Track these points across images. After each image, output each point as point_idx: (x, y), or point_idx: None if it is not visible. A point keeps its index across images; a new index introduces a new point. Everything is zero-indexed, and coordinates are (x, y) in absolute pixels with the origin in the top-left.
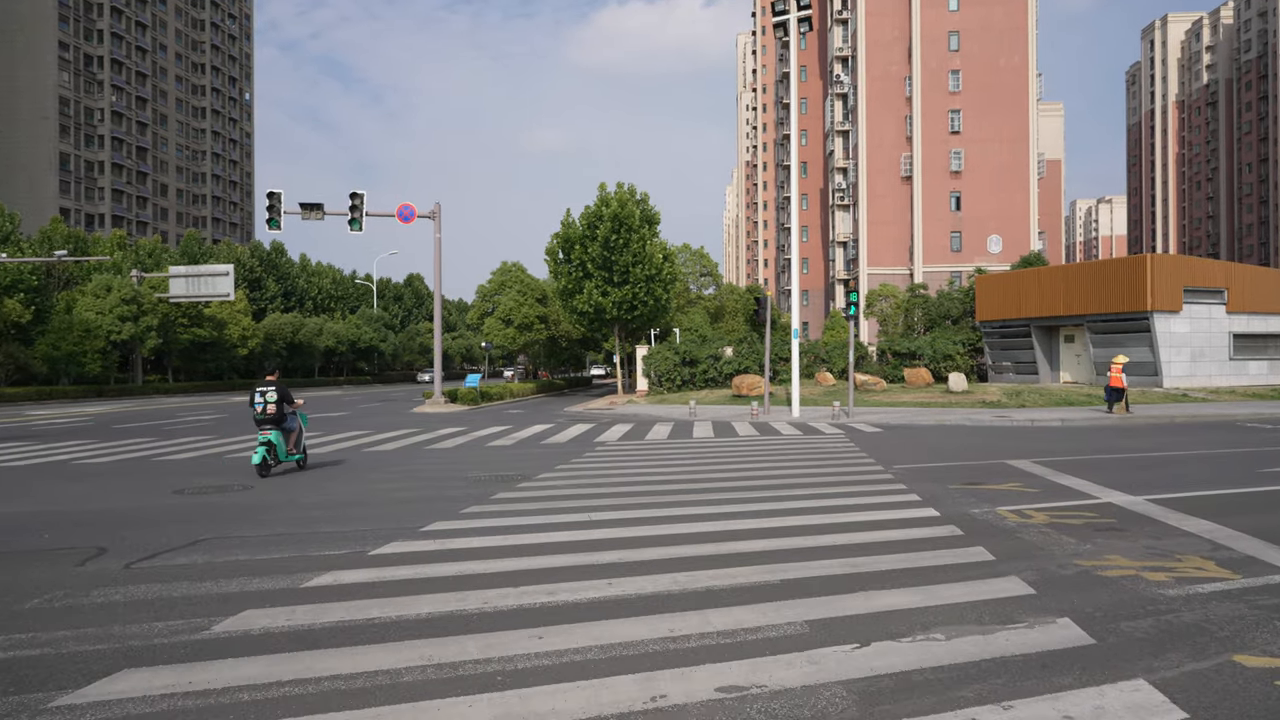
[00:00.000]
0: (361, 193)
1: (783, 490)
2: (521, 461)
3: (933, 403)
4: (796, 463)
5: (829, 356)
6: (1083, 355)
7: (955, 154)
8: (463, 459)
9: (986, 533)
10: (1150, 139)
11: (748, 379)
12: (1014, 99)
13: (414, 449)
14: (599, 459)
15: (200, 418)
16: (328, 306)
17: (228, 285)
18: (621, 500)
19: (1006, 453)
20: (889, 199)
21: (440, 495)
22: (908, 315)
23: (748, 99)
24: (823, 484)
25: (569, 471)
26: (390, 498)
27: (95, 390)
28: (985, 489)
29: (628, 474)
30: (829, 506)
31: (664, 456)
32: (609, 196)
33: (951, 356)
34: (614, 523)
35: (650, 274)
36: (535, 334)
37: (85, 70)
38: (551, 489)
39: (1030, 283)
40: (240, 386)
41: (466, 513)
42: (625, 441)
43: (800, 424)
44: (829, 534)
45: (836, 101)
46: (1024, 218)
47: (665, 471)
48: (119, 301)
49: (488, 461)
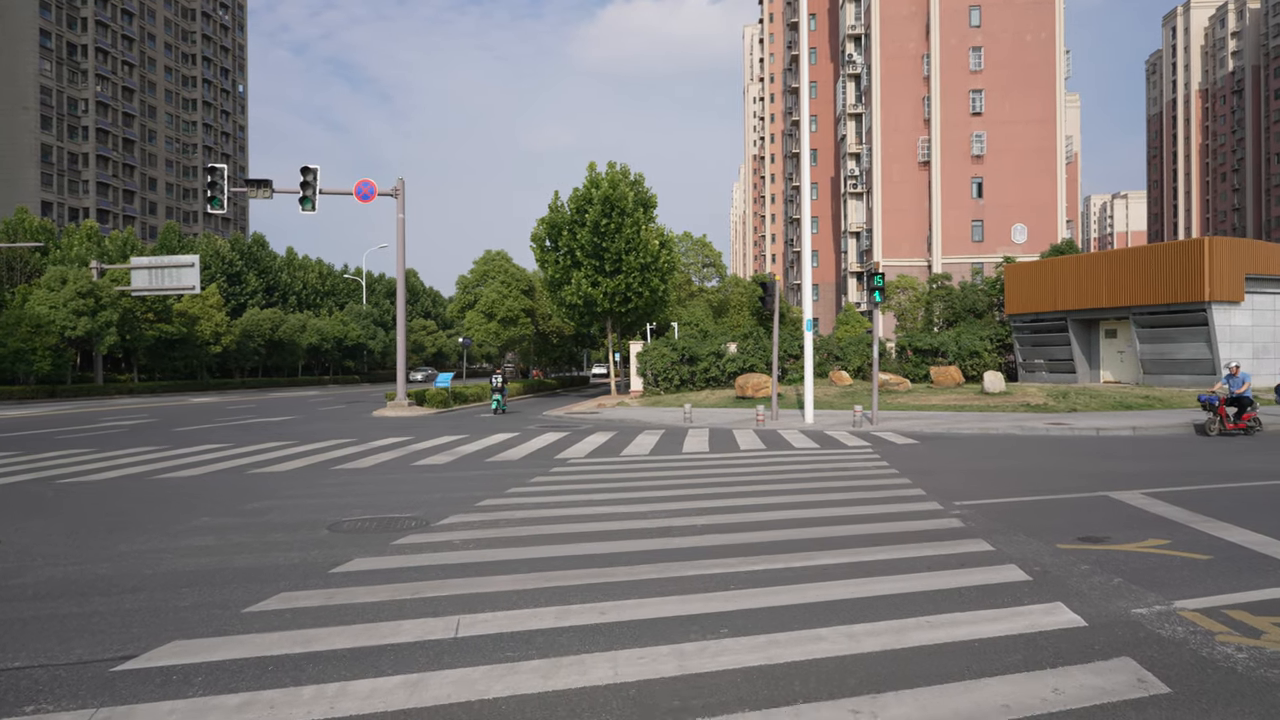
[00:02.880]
0: (314, 168)
1: (795, 554)
2: (439, 492)
3: (967, 406)
4: (813, 496)
5: (844, 353)
6: (1127, 352)
7: (976, 137)
8: (358, 489)
9: (1210, 687)
10: (1172, 129)
11: (753, 379)
12: (1040, 77)
13: (318, 470)
14: (545, 489)
15: (120, 423)
16: (314, 302)
17: (193, 277)
18: (535, 583)
19: (1097, 479)
20: (905, 186)
21: (252, 567)
22: (928, 309)
23: (754, 91)
24: (856, 540)
25: (490, 514)
26: (161, 570)
27: (48, 390)
28: (1118, 552)
29: (573, 518)
30: (875, 599)
31: (635, 484)
32: (599, 177)
33: (978, 353)
34: (493, 646)
35: (645, 262)
36: (521, 329)
37: (68, 59)
38: (435, 556)
39: (1067, 272)
40: (214, 386)
41: (251, 615)
42: (594, 459)
43: (815, 432)
44: (893, 688)
45: (849, 83)
46: (1051, 205)
47: (627, 512)
48: (74, 294)
49: (393, 493)
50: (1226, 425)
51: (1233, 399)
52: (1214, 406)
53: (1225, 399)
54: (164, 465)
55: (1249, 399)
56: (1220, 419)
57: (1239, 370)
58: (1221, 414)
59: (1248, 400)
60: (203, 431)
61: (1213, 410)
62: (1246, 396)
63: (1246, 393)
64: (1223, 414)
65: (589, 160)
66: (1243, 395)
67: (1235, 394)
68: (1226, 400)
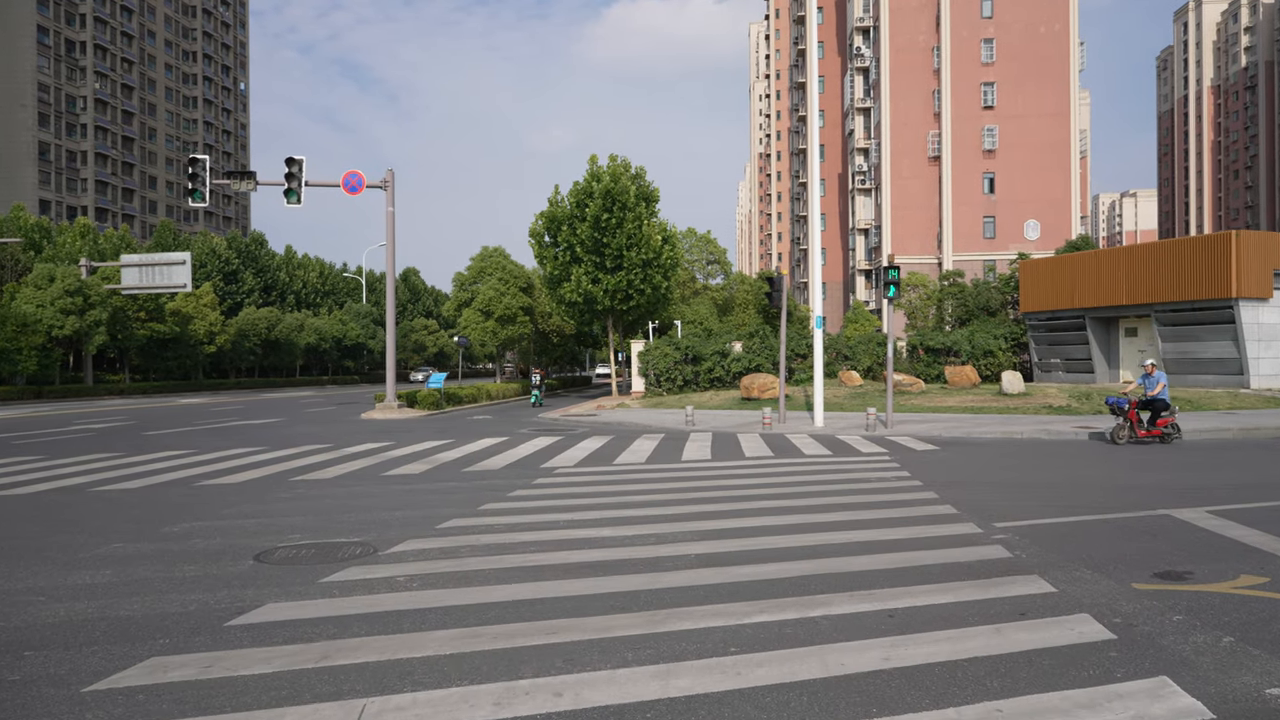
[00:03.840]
0: (300, 159)
1: (812, 598)
2: (402, 509)
3: (986, 408)
4: (828, 516)
5: (853, 353)
6: (1148, 351)
7: (988, 131)
8: (311, 506)
9: None
10: (1184, 126)
11: (759, 379)
12: (1054, 70)
13: (275, 481)
14: (522, 506)
15: (91, 426)
16: (313, 301)
17: (184, 275)
18: (481, 642)
19: (1148, 493)
20: (915, 181)
21: (135, 618)
22: (939, 307)
23: (760, 89)
24: (885, 577)
25: (450, 538)
26: (17, 622)
27: (35, 391)
28: (1211, 595)
29: (545, 545)
30: (920, 670)
31: (626, 499)
32: (600, 170)
33: (992, 352)
34: None
35: (647, 258)
36: (519, 327)
37: (67, 56)
38: (367, 600)
39: (1085, 267)
40: (208, 387)
41: (92, 697)
42: (583, 468)
43: (826, 437)
44: None
45: (857, 76)
46: (1064, 201)
47: (611, 537)
48: (62, 293)
49: (349, 511)
50: (1138, 432)
51: (1146, 402)
52: (1123, 410)
53: (1138, 402)
54: (108, 475)
55: (1165, 402)
56: (1130, 425)
57: (1155, 369)
58: (1132, 419)
59: (1164, 404)
60: (174, 436)
61: (1122, 414)
62: (1162, 399)
63: (1163, 394)
64: (1133, 419)
65: (593, 157)
66: (1158, 398)
67: (1149, 396)
68: (1139, 403)
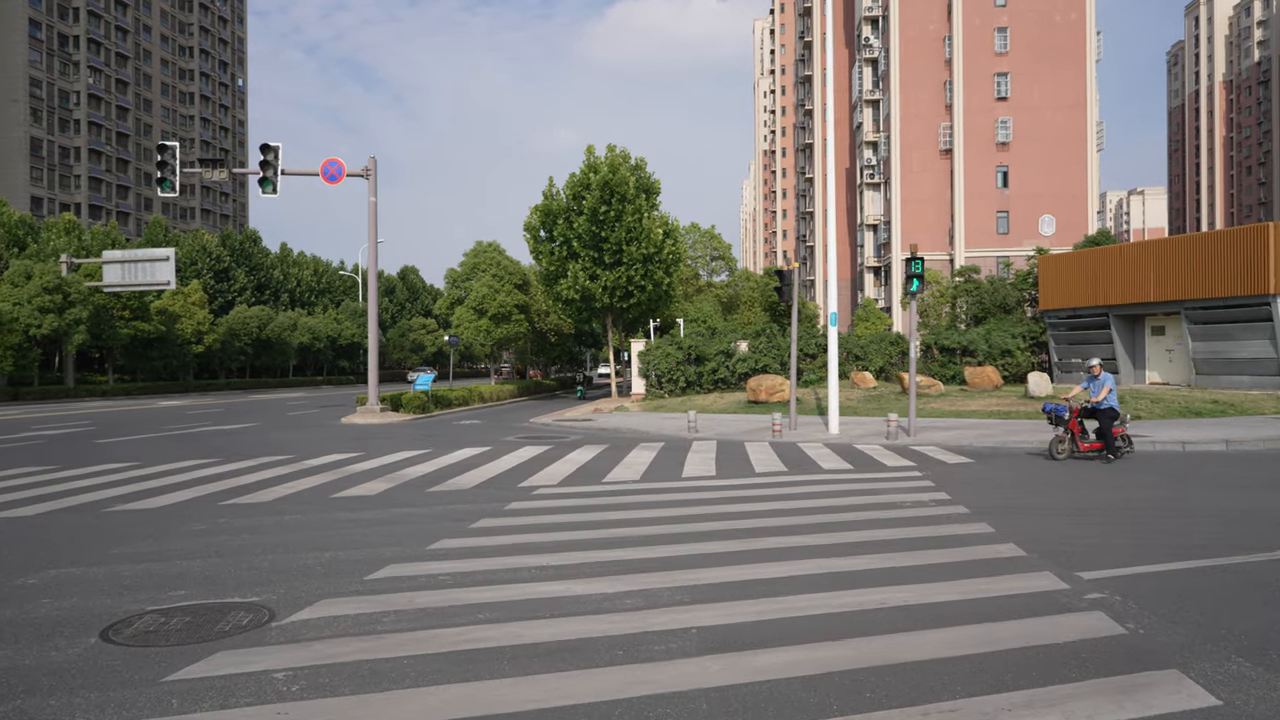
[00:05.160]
0: (276, 145)
1: (859, 717)
2: (333, 549)
3: (1013, 412)
4: (860, 561)
5: (864, 352)
6: (1176, 350)
7: (1002, 123)
8: (224, 542)
9: None
10: (1195, 122)
11: (766, 380)
12: (1070, 59)
13: (202, 505)
14: (483, 544)
15: (45, 432)
16: (308, 300)
17: (168, 272)
18: None
19: (1254, 523)
20: (926, 175)
21: None
22: (953, 305)
23: (765, 85)
24: (959, 678)
25: (378, 597)
26: None
27: (11, 393)
28: None
29: (499, 609)
30: None
31: (612, 533)
32: (598, 161)
33: (1010, 352)
34: None
35: (648, 253)
36: (515, 326)
37: (60, 50)
38: (218, 716)
39: (1109, 262)
40: (196, 388)
41: None
42: (568, 488)
43: (843, 446)
44: None
45: (865, 68)
46: (1081, 195)
47: (586, 594)
48: (40, 290)
49: (267, 551)
50: (1080, 445)
51: (1089, 410)
52: (1063, 420)
53: (1079, 409)
54: (10, 498)
55: (1114, 410)
56: (1072, 436)
57: (1100, 370)
58: (1074, 430)
59: (1112, 412)
60: (128, 444)
61: (1062, 424)
62: (1109, 407)
63: (1109, 400)
64: (1074, 430)
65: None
66: (1102, 404)
67: (1093, 403)
68: (1082, 411)
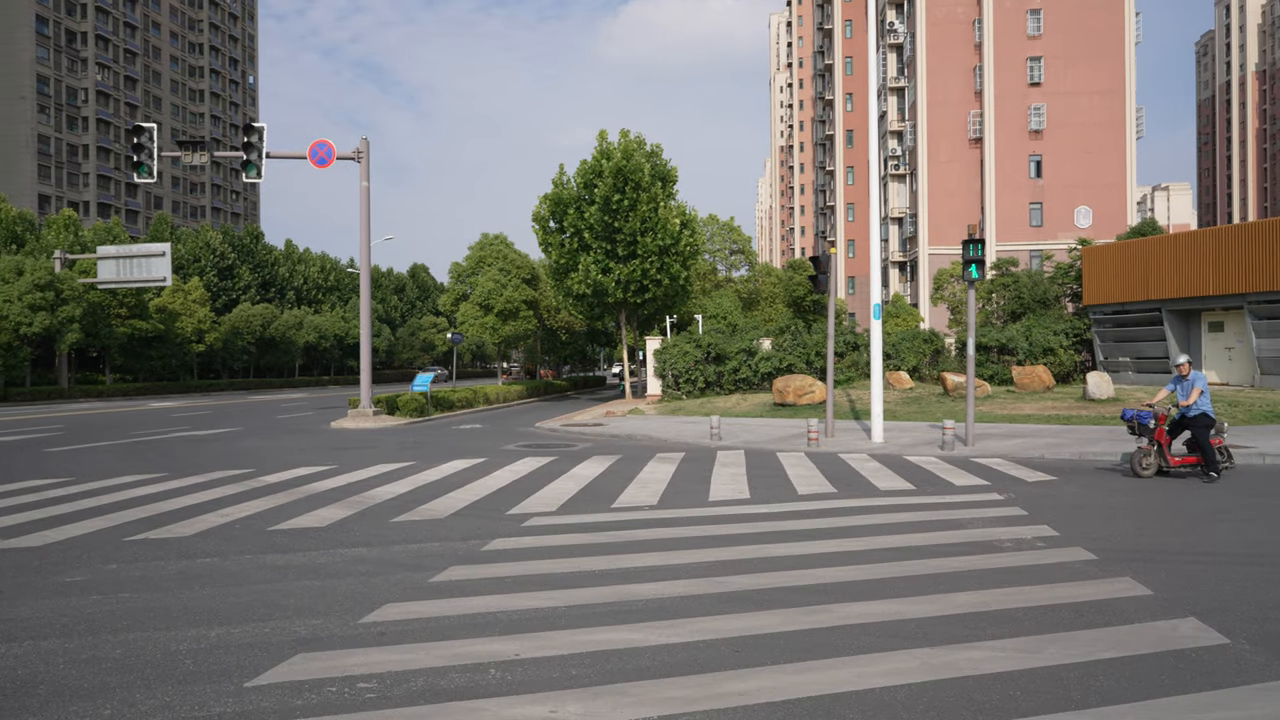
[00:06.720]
0: (260, 126)
1: None
2: (233, 622)
3: (1074, 417)
4: (983, 643)
5: (895, 351)
6: (1237, 348)
7: (1035, 110)
8: (87, 608)
9: None
10: (1226, 114)
11: (794, 381)
12: (1107, 42)
13: (101, 541)
14: (441, 614)
15: (6, 439)
16: (314, 298)
17: (163, 268)
18: None
19: None
20: (954, 165)
21: None
22: (988, 300)
23: (782, 79)
24: None
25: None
26: None
27: (1, 395)
28: None
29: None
30: None
31: (619, 590)
32: (610, 147)
33: (1053, 350)
34: None
35: (664, 245)
36: (523, 323)
37: (67, 47)
38: None
39: (1162, 254)
40: (196, 388)
41: None
42: (569, 516)
43: (892, 458)
44: None
45: (889, 54)
46: (1119, 185)
47: (575, 716)
48: (31, 287)
49: (132, 623)
50: (1169, 459)
51: (1179, 421)
52: (1148, 429)
53: (1166, 418)
54: None
55: (1208, 417)
56: (1159, 449)
57: (1189, 369)
58: (1161, 442)
59: (1206, 419)
60: (80, 453)
61: (1146, 435)
62: (1202, 413)
63: (1203, 404)
64: (1162, 441)
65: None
66: (1194, 410)
67: (1182, 409)
68: (1170, 421)
